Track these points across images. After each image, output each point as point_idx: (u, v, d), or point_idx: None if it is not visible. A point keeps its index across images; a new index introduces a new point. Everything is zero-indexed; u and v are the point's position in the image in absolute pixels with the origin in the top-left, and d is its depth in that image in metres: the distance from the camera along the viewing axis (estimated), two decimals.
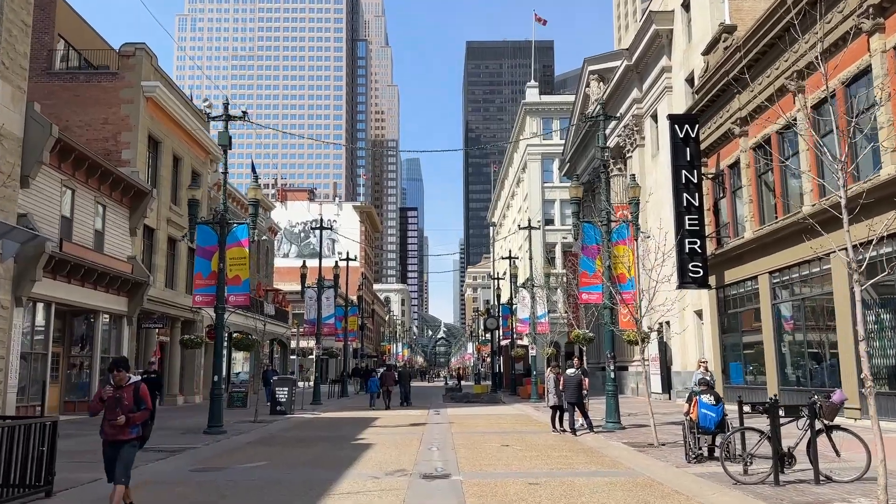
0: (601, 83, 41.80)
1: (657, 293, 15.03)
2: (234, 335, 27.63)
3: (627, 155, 36.86)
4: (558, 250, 60.93)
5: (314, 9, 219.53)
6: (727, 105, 23.71)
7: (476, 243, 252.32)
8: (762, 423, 10.02)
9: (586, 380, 16.69)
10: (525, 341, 44.05)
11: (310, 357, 35.78)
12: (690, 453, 11.83)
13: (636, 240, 17.67)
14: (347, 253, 43.40)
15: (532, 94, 71.44)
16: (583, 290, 18.01)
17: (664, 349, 31.28)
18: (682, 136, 24.25)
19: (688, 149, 24.20)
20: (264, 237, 37.85)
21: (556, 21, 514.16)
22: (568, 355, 48.05)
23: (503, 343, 47.96)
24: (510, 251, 45.13)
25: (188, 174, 31.04)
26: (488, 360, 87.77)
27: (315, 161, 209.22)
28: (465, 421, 20.92)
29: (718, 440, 12.11)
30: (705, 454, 11.95)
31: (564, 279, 43.03)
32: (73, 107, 26.42)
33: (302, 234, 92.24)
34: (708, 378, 13.97)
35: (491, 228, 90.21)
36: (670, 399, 30.58)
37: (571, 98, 64.15)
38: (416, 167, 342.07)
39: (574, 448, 14.05)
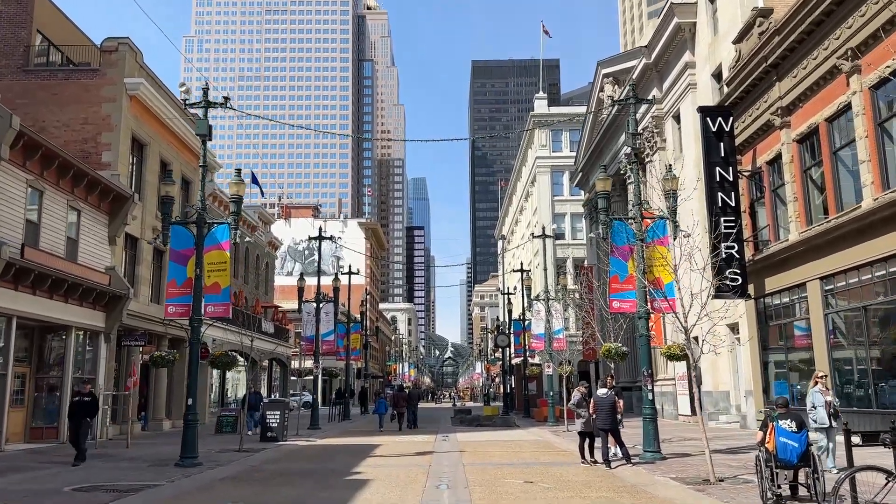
0: (616, 87, 39.67)
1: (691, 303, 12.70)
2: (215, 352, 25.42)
3: (647, 160, 34.57)
4: (570, 266, 58.57)
5: (320, 29, 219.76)
6: (764, 95, 21.43)
7: (483, 261, 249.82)
8: (867, 453, 7.59)
9: (620, 402, 14.26)
10: (537, 359, 41.55)
11: (308, 378, 33.35)
12: (768, 493, 9.40)
13: (674, 238, 15.30)
14: (350, 266, 41.10)
15: (541, 106, 69.51)
16: (613, 297, 15.65)
17: (692, 367, 28.69)
18: (714, 130, 21.97)
19: (721, 144, 21.89)
20: (248, 240, 35.22)
21: (561, 40, 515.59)
22: (582, 375, 45.44)
23: (515, 361, 45.43)
24: (522, 263, 42.77)
25: (178, 178, 28.88)
26: (497, 379, 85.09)
27: (320, 180, 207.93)
28: (478, 449, 18.45)
29: (802, 476, 9.70)
30: (785, 493, 9.53)
31: (577, 294, 40.61)
32: (51, 106, 24.40)
33: (306, 252, 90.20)
34: (829, 399, 11.40)
35: (501, 241, 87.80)
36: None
37: (581, 109, 62.21)
38: (423, 187, 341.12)
39: (614, 486, 11.60)
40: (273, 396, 43.61)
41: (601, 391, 13.95)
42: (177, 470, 13.96)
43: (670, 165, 16.29)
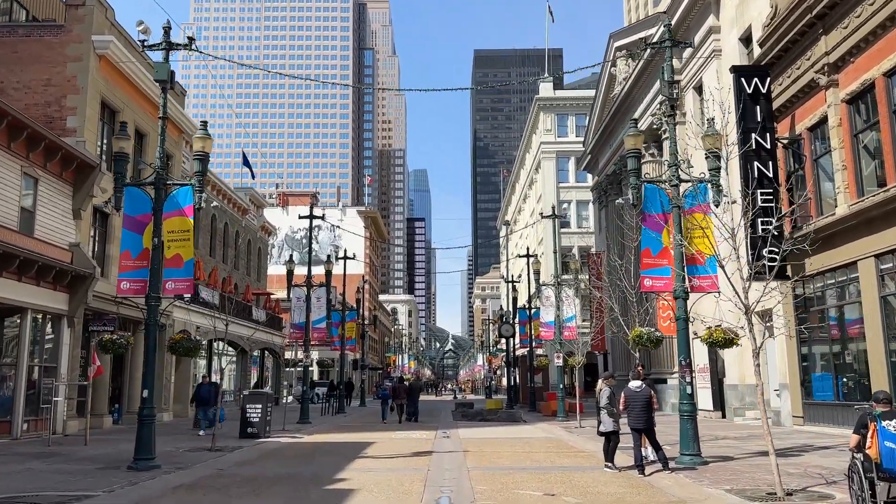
0: (629, 60, 37.23)
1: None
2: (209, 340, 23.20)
3: (664, 136, 32.16)
4: (575, 254, 56.28)
5: (321, 17, 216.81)
6: (806, 52, 19.05)
7: (484, 253, 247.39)
8: None
9: (654, 395, 11.94)
10: (541, 350, 39.21)
11: (299, 368, 31.06)
12: None
13: (716, 206, 13.00)
14: (346, 251, 38.79)
15: (546, 90, 66.98)
16: (645, 273, 13.33)
17: (714, 358, 26.46)
18: (750, 92, 19.60)
19: (758, 108, 19.52)
20: (214, 204, 32.23)
21: (565, 32, 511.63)
22: (588, 367, 43.11)
23: (520, 352, 43.18)
24: (528, 248, 40.45)
25: (155, 154, 26.53)
26: (499, 372, 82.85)
27: (320, 170, 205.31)
28: (484, 449, 16.17)
29: None
30: None
31: (583, 285, 38.27)
32: (11, 65, 22.05)
33: (304, 241, 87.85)
34: None
35: (504, 227, 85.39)
36: (724, 418, 25.72)
37: (587, 93, 59.75)
38: (424, 178, 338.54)
39: (657, 501, 9.31)
40: (267, 388, 41.43)
41: (634, 384, 11.64)
42: (127, 474, 11.70)
43: (712, 119, 13.96)
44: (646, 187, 13.54)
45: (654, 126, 32.67)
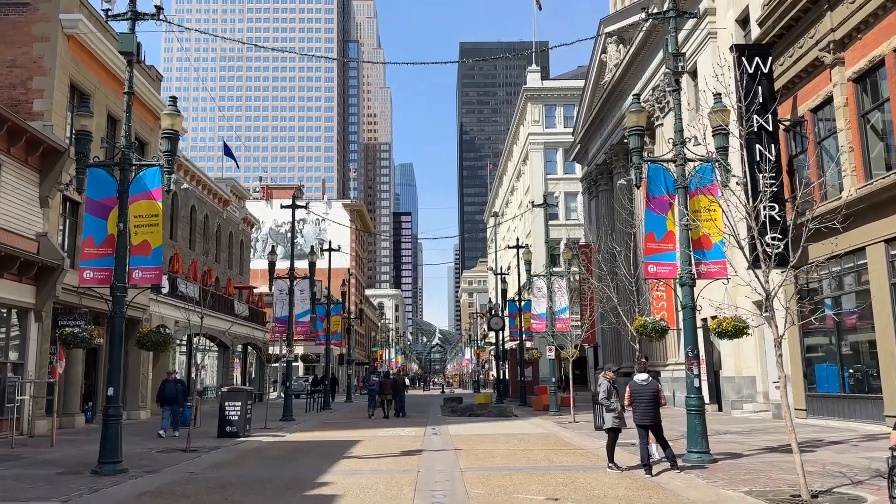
0: (620, 45, 36.42)
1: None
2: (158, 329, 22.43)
3: (657, 123, 31.44)
4: (563, 247, 55.51)
5: (304, 9, 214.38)
6: (810, 30, 18.27)
7: (471, 248, 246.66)
8: None
9: (662, 390, 11.11)
10: (530, 342, 38.37)
11: (281, 363, 30.04)
12: None
13: (724, 186, 12.15)
14: (330, 243, 37.77)
15: (533, 80, 66.05)
16: (648, 259, 12.47)
17: (710, 350, 25.78)
18: (751, 72, 18.80)
19: (760, 88, 18.71)
20: (185, 186, 30.65)
21: (551, 24, 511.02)
22: (578, 361, 42.33)
23: (509, 345, 42.39)
24: (517, 239, 39.60)
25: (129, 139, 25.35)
26: (486, 366, 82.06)
27: (305, 164, 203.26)
28: (476, 447, 15.30)
29: None
30: None
31: (573, 277, 37.47)
32: None
33: (289, 234, 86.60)
34: None
35: (493, 218, 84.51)
36: (720, 411, 25.03)
37: (576, 83, 58.95)
38: (410, 172, 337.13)
39: None
40: (246, 384, 40.37)
41: (640, 377, 10.79)
42: (89, 480, 10.71)
43: (719, 94, 13.14)
44: (650, 167, 12.70)
45: (648, 112, 31.86)
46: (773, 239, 17.86)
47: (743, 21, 23.99)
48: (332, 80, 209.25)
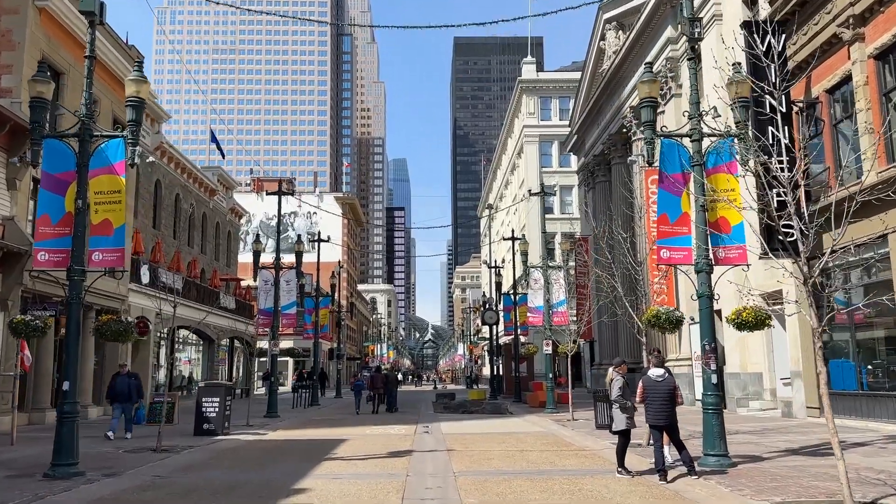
0: (619, 32, 35.32)
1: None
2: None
3: (659, 111, 30.32)
4: (558, 241, 54.45)
5: (298, 2, 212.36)
6: (826, 5, 17.23)
7: (464, 243, 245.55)
8: None
9: (679, 387, 10.03)
10: (525, 337, 37.29)
11: (267, 358, 28.80)
12: None
13: (744, 165, 11.09)
14: (319, 233, 36.58)
15: (529, 71, 64.96)
16: (661, 243, 11.39)
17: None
18: (763, 50, 17.72)
19: (772, 68, 17.63)
20: (150, 160, 28.77)
21: (545, 20, 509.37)
22: (574, 357, 41.27)
23: (503, 340, 41.30)
24: (513, 231, 38.49)
25: (107, 122, 24.16)
26: (479, 361, 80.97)
27: (297, 157, 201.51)
28: (470, 447, 14.20)
29: None
30: None
31: (570, 272, 36.43)
32: None
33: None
34: None
35: (488, 210, 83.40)
36: (725, 409, 23.95)
37: (572, 75, 57.91)
38: (403, 167, 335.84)
39: None
40: (224, 379, 39.21)
41: (655, 372, 9.72)
42: (38, 484, 9.56)
43: (738, 63, 12.05)
44: (663, 143, 11.60)
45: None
46: (785, 228, 16.92)
47: (751, 1, 22.91)
48: (326, 75, 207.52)
